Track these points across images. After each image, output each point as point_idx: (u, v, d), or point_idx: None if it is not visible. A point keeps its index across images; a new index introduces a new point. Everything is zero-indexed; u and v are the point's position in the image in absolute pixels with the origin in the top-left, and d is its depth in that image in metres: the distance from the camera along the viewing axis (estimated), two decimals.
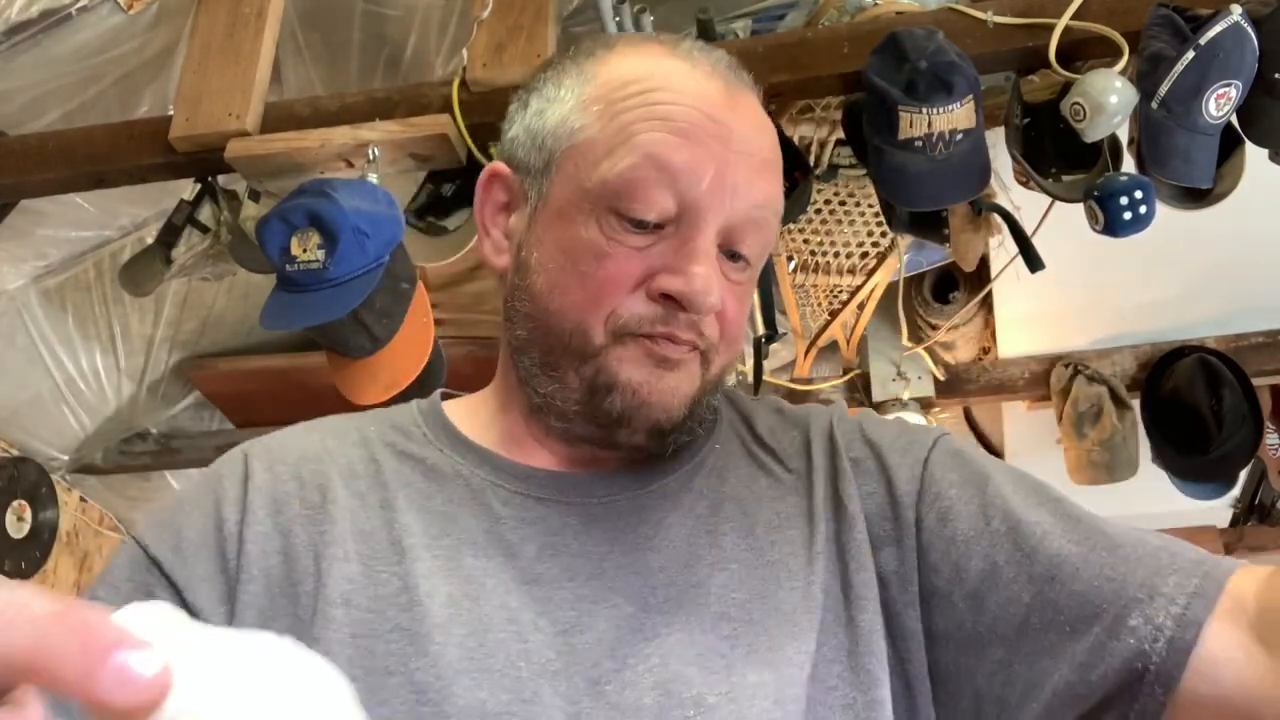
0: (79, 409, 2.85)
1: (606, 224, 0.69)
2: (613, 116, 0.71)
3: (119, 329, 2.78)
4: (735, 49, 1.71)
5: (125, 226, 2.55)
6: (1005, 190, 1.92)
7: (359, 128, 1.73)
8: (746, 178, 0.70)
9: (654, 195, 0.68)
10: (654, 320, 0.69)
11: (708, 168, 0.69)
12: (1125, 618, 0.61)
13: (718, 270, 0.71)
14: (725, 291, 0.71)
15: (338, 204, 1.59)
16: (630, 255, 0.69)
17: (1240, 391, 2.61)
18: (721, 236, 0.71)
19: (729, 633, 0.67)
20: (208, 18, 1.93)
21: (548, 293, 0.72)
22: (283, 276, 1.64)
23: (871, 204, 2.15)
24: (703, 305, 0.69)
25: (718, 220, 0.70)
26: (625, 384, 0.69)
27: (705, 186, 0.69)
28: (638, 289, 0.70)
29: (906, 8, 1.78)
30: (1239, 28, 1.48)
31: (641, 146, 0.69)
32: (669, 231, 0.70)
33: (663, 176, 0.68)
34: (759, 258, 0.75)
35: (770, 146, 0.75)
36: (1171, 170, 1.54)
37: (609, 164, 0.69)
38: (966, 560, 0.68)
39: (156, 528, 0.71)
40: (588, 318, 0.70)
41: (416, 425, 0.78)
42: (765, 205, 0.73)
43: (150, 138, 1.84)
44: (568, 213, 0.71)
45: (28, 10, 1.90)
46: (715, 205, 0.69)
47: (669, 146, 0.68)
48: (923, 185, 1.57)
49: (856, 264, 2.39)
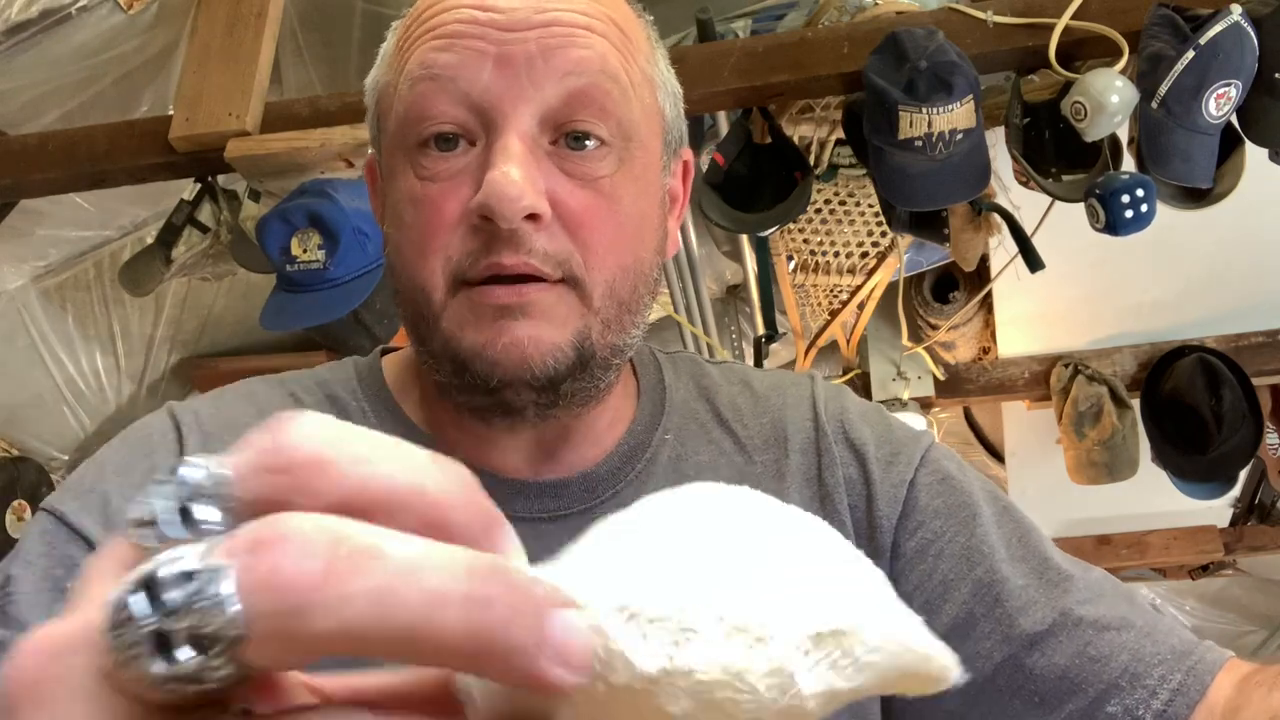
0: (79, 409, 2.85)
1: (417, 164, 0.62)
2: (400, 53, 0.64)
3: (119, 329, 2.77)
4: (735, 49, 1.72)
5: (125, 226, 2.55)
6: (1005, 190, 1.92)
7: (359, 128, 1.73)
8: (547, 49, 0.60)
9: (434, 106, 0.60)
10: (476, 253, 0.60)
11: (483, 59, 0.60)
12: (1104, 702, 0.60)
13: (540, 167, 0.60)
14: (569, 188, 0.61)
15: (338, 204, 1.59)
16: (445, 189, 0.61)
17: (1240, 391, 2.61)
18: (547, 124, 0.61)
19: None
20: (208, 18, 1.93)
21: (395, 264, 0.65)
22: (283, 276, 1.64)
23: (871, 204, 2.15)
24: (506, 210, 0.57)
25: (525, 109, 0.60)
26: (470, 350, 0.60)
27: (488, 78, 0.60)
28: (462, 222, 0.60)
29: (906, 8, 1.78)
30: (1239, 27, 1.48)
31: (412, 65, 0.62)
32: (479, 146, 0.61)
33: (437, 84, 0.60)
34: (620, 133, 0.62)
35: (587, 7, 0.63)
36: (1171, 170, 1.54)
37: (397, 99, 0.63)
38: (940, 602, 0.65)
39: (75, 496, 0.62)
40: (422, 273, 0.61)
41: (354, 396, 0.70)
42: (582, 70, 0.60)
43: (150, 138, 1.84)
44: (391, 170, 0.64)
45: (28, 10, 1.90)
46: (511, 94, 0.59)
47: (434, 50, 0.61)
48: (923, 185, 1.57)
49: (856, 264, 2.39)
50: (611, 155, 0.62)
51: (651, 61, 0.67)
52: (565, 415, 0.65)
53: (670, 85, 0.69)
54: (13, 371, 2.67)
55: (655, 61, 0.68)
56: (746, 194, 1.77)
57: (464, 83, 0.60)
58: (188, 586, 0.22)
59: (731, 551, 0.26)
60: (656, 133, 0.67)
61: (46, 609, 0.57)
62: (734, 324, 3.10)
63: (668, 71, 0.69)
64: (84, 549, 0.59)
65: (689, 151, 0.74)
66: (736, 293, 3.01)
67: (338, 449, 0.24)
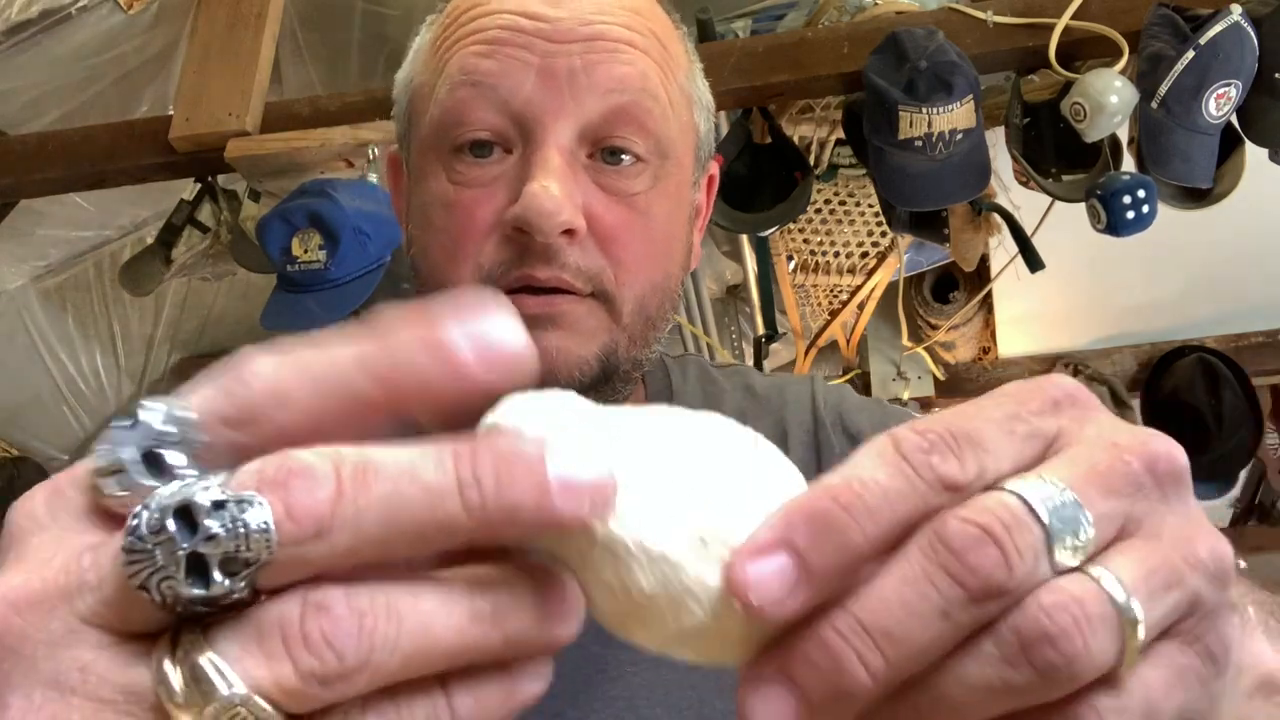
0: (79, 409, 2.85)
1: (450, 169, 0.61)
2: (437, 53, 0.63)
3: (119, 329, 2.78)
4: (735, 49, 1.72)
5: (125, 226, 2.55)
6: (1005, 190, 1.92)
7: (359, 128, 1.73)
8: (589, 64, 0.59)
9: (473, 112, 0.59)
10: (508, 264, 0.59)
11: (526, 69, 0.59)
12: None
13: (577, 182, 0.60)
14: (605, 204, 0.60)
15: (338, 204, 1.59)
16: (478, 196, 0.60)
17: (1240, 391, 2.61)
18: (586, 138, 0.60)
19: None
20: (208, 18, 1.93)
21: (421, 264, 0.64)
22: (283, 277, 1.64)
23: (871, 204, 2.15)
24: (543, 225, 0.57)
25: (566, 123, 0.59)
26: None
27: (530, 89, 0.59)
28: (495, 231, 0.60)
29: (906, 8, 1.78)
30: (1239, 28, 1.48)
31: (452, 69, 0.61)
32: (516, 155, 0.60)
33: (478, 91, 0.59)
34: (657, 151, 0.62)
35: (631, 21, 0.62)
36: (1171, 170, 1.54)
37: (434, 103, 0.62)
38: None
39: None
40: (451, 278, 0.61)
41: None
42: (625, 88, 0.60)
43: (150, 138, 1.84)
44: (422, 171, 0.64)
45: (28, 10, 1.90)
46: (553, 107, 0.59)
47: (476, 57, 0.60)
48: (923, 185, 1.57)
49: (856, 264, 2.39)
50: (647, 172, 0.62)
51: (690, 77, 0.67)
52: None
53: (705, 99, 0.69)
54: (13, 371, 2.67)
55: (693, 76, 0.68)
56: (746, 194, 1.77)
57: (505, 92, 0.59)
58: (222, 515, 0.23)
59: (733, 478, 0.29)
60: (690, 149, 0.67)
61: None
62: (734, 324, 3.10)
63: (703, 85, 0.69)
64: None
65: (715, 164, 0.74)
66: (736, 293, 3.01)
67: (290, 375, 0.26)
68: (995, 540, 0.26)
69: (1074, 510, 0.27)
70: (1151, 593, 0.27)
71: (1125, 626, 0.26)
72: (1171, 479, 0.30)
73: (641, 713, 0.60)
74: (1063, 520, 0.26)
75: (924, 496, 0.27)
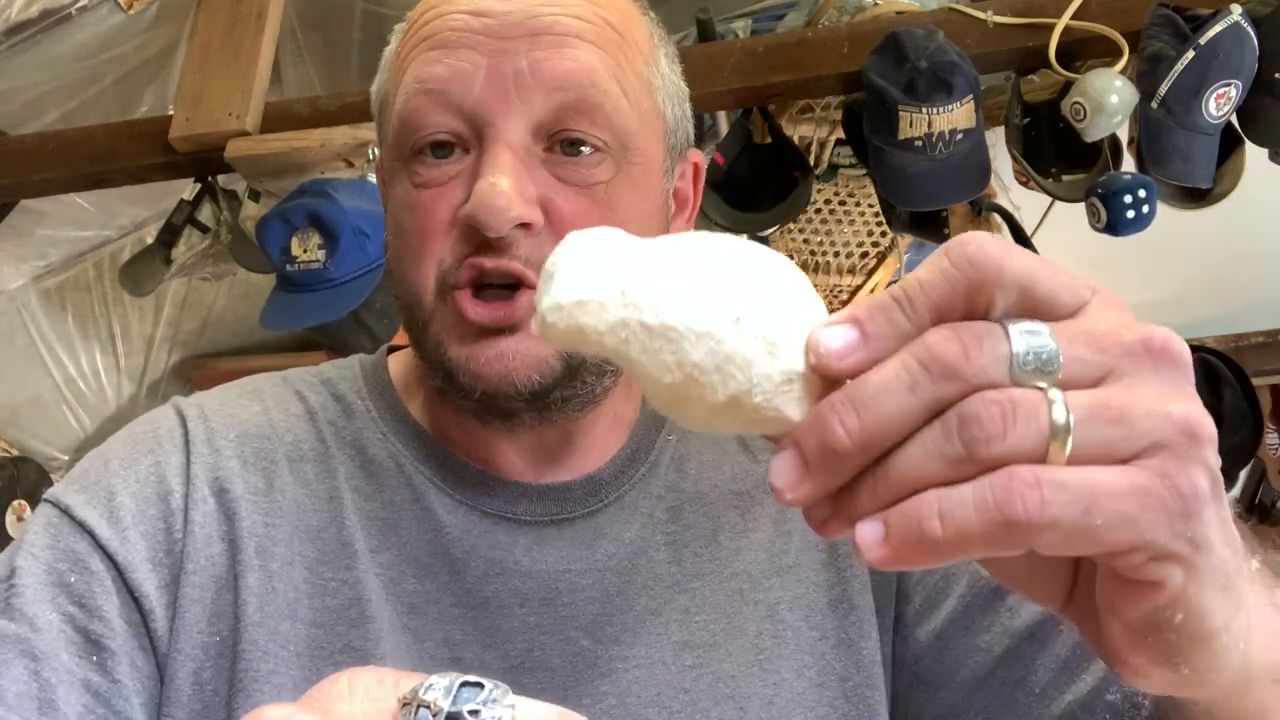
0: (79, 409, 2.85)
1: (413, 172, 0.62)
2: (398, 62, 0.65)
3: (119, 329, 2.77)
4: (735, 49, 1.72)
5: (125, 226, 2.55)
6: (1005, 190, 1.92)
7: (359, 128, 1.73)
8: (535, 62, 0.60)
9: (430, 116, 0.61)
10: (460, 259, 0.60)
11: (475, 70, 0.60)
12: (1104, 691, 0.60)
13: (532, 176, 0.60)
14: (565, 194, 0.61)
15: (338, 204, 1.59)
16: (436, 195, 0.61)
17: (1240, 391, 2.61)
18: (540, 134, 0.61)
19: (692, 662, 0.63)
20: (208, 18, 1.93)
21: (395, 269, 0.65)
22: (283, 276, 1.64)
23: (871, 204, 2.15)
24: (491, 220, 0.58)
25: (517, 120, 0.60)
26: (455, 363, 0.61)
27: (479, 91, 0.60)
28: (453, 228, 0.61)
29: (906, 8, 1.78)
30: (1239, 27, 1.48)
31: (409, 78, 0.62)
32: (472, 154, 0.61)
33: (430, 98, 0.61)
34: (616, 142, 0.62)
35: (582, 10, 0.62)
36: (1171, 170, 1.54)
37: (394, 112, 0.63)
38: (942, 597, 0.66)
39: (81, 489, 0.61)
40: (415, 278, 0.62)
41: (359, 395, 0.70)
42: (570, 85, 0.60)
43: (150, 138, 1.84)
44: (392, 179, 0.65)
45: (28, 10, 1.90)
46: (502, 105, 0.60)
47: (428, 63, 0.61)
48: (923, 185, 1.57)
49: (856, 264, 2.39)
50: (608, 161, 0.62)
51: (651, 63, 0.66)
52: (562, 419, 0.65)
53: (673, 86, 0.68)
54: (13, 371, 2.67)
55: (656, 63, 0.67)
56: (746, 194, 1.77)
57: (456, 95, 0.60)
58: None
59: (757, 276, 0.37)
60: (657, 137, 0.66)
61: (49, 602, 0.57)
62: None
63: (671, 71, 0.68)
64: (88, 543, 0.59)
65: (698, 153, 0.73)
66: None
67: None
68: (960, 340, 0.33)
69: (1048, 343, 0.33)
70: (1093, 416, 0.33)
71: (1055, 430, 0.32)
72: (1165, 356, 0.34)
73: (632, 710, 0.61)
74: (1033, 349, 0.33)
75: (956, 286, 0.34)
